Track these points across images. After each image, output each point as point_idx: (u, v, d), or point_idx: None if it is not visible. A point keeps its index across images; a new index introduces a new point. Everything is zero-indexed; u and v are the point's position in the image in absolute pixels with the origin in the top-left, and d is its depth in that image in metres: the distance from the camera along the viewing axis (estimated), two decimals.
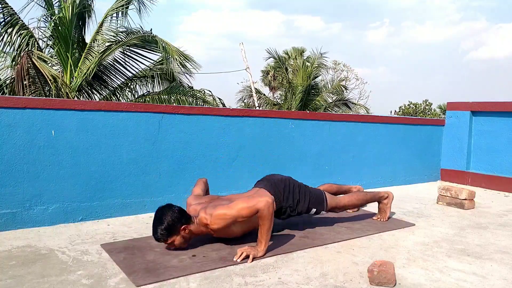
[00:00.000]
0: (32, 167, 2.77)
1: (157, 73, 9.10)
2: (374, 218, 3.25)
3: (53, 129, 2.84)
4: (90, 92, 8.92)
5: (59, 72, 7.92)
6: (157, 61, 9.22)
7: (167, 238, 2.31)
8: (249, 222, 2.46)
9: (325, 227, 2.96)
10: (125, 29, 9.00)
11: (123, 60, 9.03)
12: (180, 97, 8.93)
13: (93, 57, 8.42)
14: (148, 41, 8.71)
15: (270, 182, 2.72)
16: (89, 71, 7.86)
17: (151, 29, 8.77)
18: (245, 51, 12.93)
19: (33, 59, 6.60)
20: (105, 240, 2.56)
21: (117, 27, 8.88)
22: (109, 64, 9.04)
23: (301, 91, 15.67)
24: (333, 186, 3.27)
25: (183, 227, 2.32)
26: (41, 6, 8.38)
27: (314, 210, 2.84)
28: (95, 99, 8.82)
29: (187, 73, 9.15)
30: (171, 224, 2.29)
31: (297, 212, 2.76)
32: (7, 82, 8.06)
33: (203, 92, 9.31)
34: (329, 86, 16.72)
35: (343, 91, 17.11)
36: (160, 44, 8.59)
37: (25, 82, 6.49)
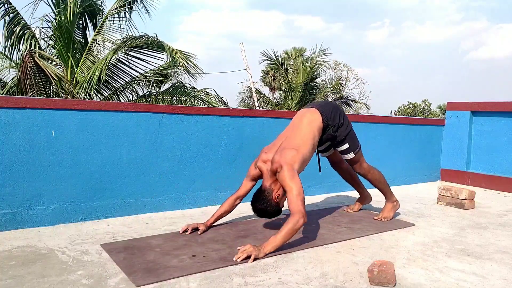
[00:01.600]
0: (32, 167, 2.77)
1: (160, 76, 9.06)
2: (374, 218, 3.25)
3: (53, 129, 2.84)
4: (95, 93, 8.90)
5: (62, 70, 7.93)
6: (163, 66, 9.16)
7: (271, 210, 2.65)
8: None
9: (325, 227, 2.96)
10: (127, 32, 8.99)
11: (127, 62, 8.96)
12: (182, 98, 8.92)
13: (94, 57, 8.41)
14: (154, 45, 8.63)
15: (322, 103, 3.01)
16: (102, 75, 7.77)
17: (156, 35, 8.71)
18: (245, 51, 12.92)
19: (35, 58, 6.60)
20: (105, 240, 2.56)
21: (120, 27, 8.86)
22: (113, 65, 8.98)
23: (300, 90, 15.68)
24: (352, 172, 3.35)
25: (273, 197, 2.61)
26: (46, 3, 8.40)
27: (347, 145, 2.97)
28: (97, 99, 8.81)
29: (191, 74, 9.11)
30: (267, 205, 2.62)
31: (337, 134, 2.91)
32: (9, 82, 8.07)
33: (205, 92, 9.29)
34: (329, 86, 16.73)
35: (340, 89, 17.13)
36: (167, 51, 8.48)
37: (29, 82, 6.49)
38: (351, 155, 3.02)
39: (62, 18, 8.06)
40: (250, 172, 2.84)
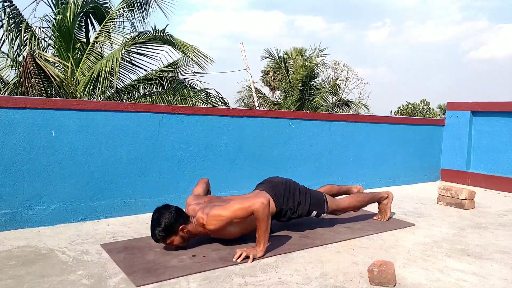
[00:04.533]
0: (32, 167, 2.77)
1: (165, 77, 8.99)
2: (374, 218, 3.25)
3: (53, 129, 2.84)
4: (95, 93, 8.85)
5: (62, 71, 7.92)
6: (173, 64, 9.07)
7: (166, 239, 2.32)
8: (246, 223, 2.45)
9: (325, 227, 2.96)
10: (130, 31, 8.94)
11: (132, 62, 8.86)
12: (183, 98, 8.88)
13: (94, 58, 8.39)
14: (162, 40, 8.51)
15: (271, 185, 2.72)
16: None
17: (164, 29, 8.58)
18: (246, 51, 12.91)
19: (36, 59, 6.59)
20: (105, 240, 2.56)
21: (123, 27, 8.81)
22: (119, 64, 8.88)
23: (299, 90, 15.67)
24: (333, 187, 3.26)
25: (181, 227, 2.32)
26: (47, 4, 8.39)
27: (315, 212, 2.83)
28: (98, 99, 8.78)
29: (198, 73, 9.02)
30: (169, 225, 2.29)
31: (298, 214, 2.75)
32: (10, 82, 8.06)
33: (205, 93, 9.27)
34: (327, 86, 16.72)
35: (337, 90, 17.11)
36: (178, 46, 8.35)
37: (31, 82, 6.49)
38: (324, 215, 2.92)
39: (62, 18, 8.06)
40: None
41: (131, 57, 8.68)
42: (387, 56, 54.62)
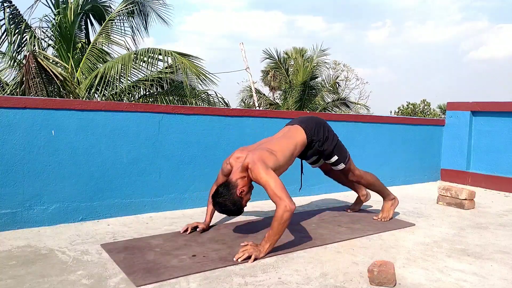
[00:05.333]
0: (32, 167, 2.77)
1: (165, 78, 8.95)
2: (374, 218, 3.25)
3: (53, 129, 2.84)
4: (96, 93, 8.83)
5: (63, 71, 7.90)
6: (172, 67, 9.03)
7: (242, 208, 2.54)
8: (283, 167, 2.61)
9: (325, 227, 2.96)
10: (130, 34, 8.94)
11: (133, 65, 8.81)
12: (184, 99, 8.87)
13: (95, 58, 8.38)
14: (164, 55, 8.45)
15: (304, 119, 2.92)
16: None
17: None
18: (246, 51, 12.91)
19: (38, 59, 6.60)
20: (105, 240, 2.56)
21: (124, 29, 8.80)
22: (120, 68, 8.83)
23: (299, 90, 15.66)
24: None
25: (236, 191, 2.48)
26: (47, 5, 8.39)
27: (336, 157, 2.92)
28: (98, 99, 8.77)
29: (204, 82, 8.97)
30: (233, 202, 2.48)
31: (324, 148, 2.85)
32: (10, 84, 8.05)
33: (206, 93, 9.27)
34: (327, 85, 16.71)
35: (337, 89, 17.10)
36: (180, 65, 8.22)
37: (33, 81, 6.49)
38: (341, 166, 2.98)
39: (62, 18, 8.06)
40: (222, 168, 2.76)
41: (134, 67, 8.67)
42: (387, 56, 54.65)
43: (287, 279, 2.03)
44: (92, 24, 9.39)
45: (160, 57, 8.31)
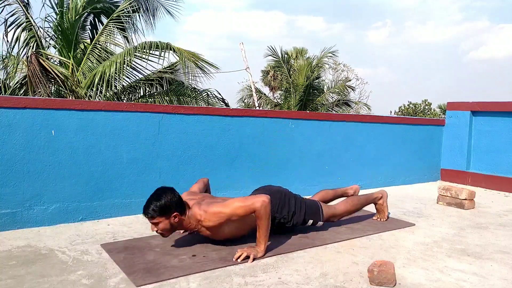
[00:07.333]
0: (32, 167, 2.77)
1: (165, 78, 8.93)
2: (374, 218, 3.24)
3: (53, 129, 2.84)
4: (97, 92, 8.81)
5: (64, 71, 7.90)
6: (173, 65, 9.01)
7: (156, 216, 2.25)
8: (240, 225, 2.45)
9: (325, 227, 2.96)
10: (132, 34, 8.92)
11: (133, 67, 8.78)
12: (184, 98, 8.85)
13: (96, 58, 8.37)
14: (165, 48, 8.42)
15: (266, 192, 2.65)
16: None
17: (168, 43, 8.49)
18: (246, 51, 12.90)
19: (40, 59, 6.60)
20: (105, 240, 2.56)
21: (126, 29, 8.78)
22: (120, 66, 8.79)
23: (301, 90, 15.65)
24: (328, 192, 3.20)
25: (175, 213, 2.29)
26: (49, 6, 8.40)
27: (310, 221, 2.80)
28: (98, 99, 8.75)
29: (198, 76, 8.95)
30: (167, 205, 2.26)
31: (293, 224, 2.72)
32: (10, 83, 8.06)
33: (206, 93, 9.25)
34: (331, 86, 16.70)
35: (348, 92, 17.05)
36: (180, 56, 8.16)
37: (35, 82, 6.49)
38: (320, 223, 2.86)
39: (63, 18, 8.05)
40: (199, 187, 2.81)
41: (133, 62, 8.64)
42: (387, 56, 54.63)
43: (287, 279, 2.04)
44: (102, 24, 9.36)
45: (157, 53, 8.32)
